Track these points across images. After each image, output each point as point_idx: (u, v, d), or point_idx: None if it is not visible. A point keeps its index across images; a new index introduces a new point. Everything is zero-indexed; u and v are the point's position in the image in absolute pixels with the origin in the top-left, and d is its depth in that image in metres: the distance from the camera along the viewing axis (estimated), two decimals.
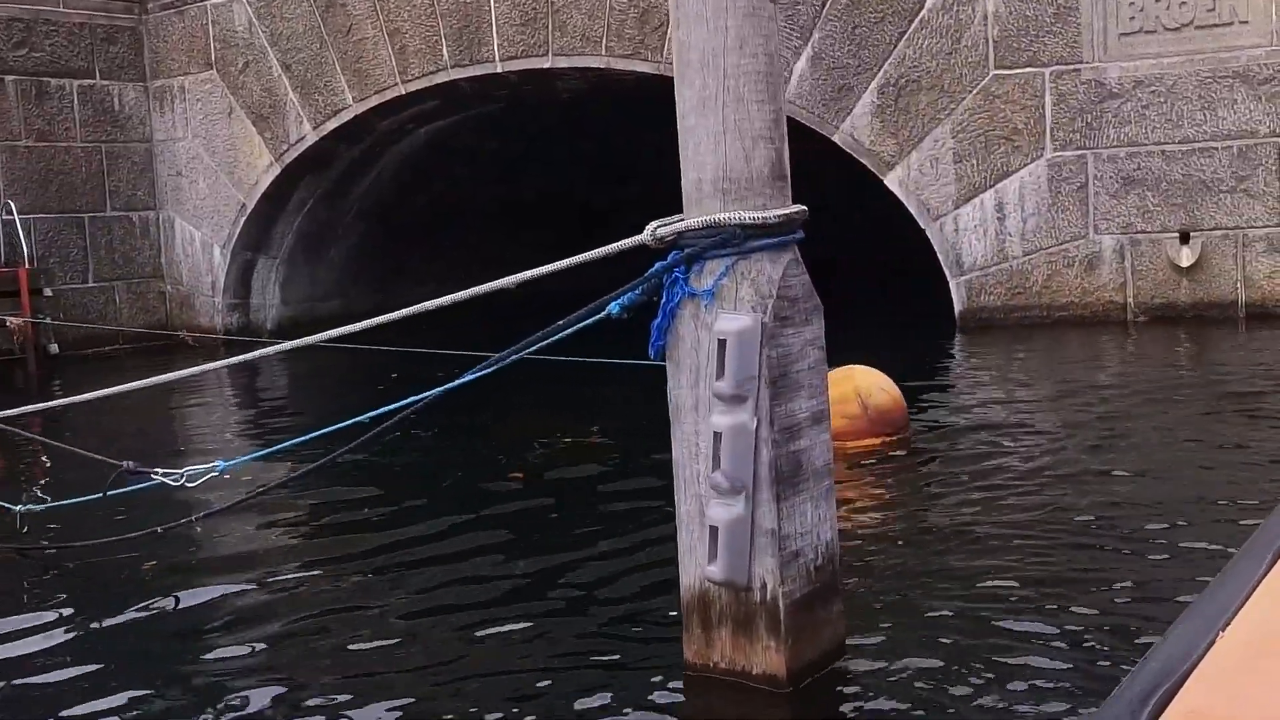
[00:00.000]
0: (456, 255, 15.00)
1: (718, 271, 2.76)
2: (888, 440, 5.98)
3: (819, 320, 2.86)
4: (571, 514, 5.10)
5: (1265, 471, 5.51)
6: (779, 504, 2.73)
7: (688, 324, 2.80)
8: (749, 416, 2.71)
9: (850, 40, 10.72)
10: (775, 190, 2.77)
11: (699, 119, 2.77)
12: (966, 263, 10.71)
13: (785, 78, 10.74)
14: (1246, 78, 9.88)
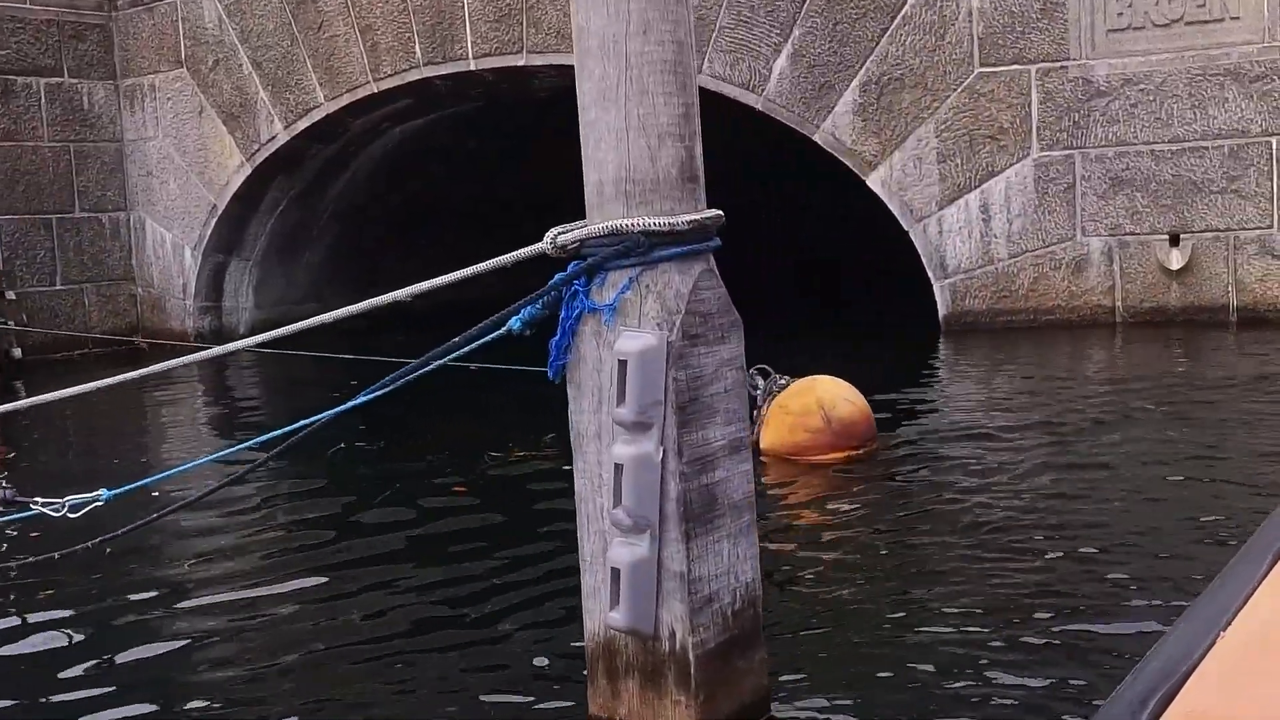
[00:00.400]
0: (433, 255, 14.66)
1: (620, 284, 2.47)
2: (853, 454, 5.70)
3: (738, 338, 2.57)
4: (508, 534, 4.82)
5: (1258, 483, 5.24)
6: (689, 543, 2.45)
7: (589, 342, 2.52)
8: (654, 446, 2.42)
9: (831, 37, 10.44)
10: (685, 193, 2.48)
11: (599, 113, 2.49)
12: (951, 265, 10.42)
13: (765, 75, 10.47)
14: (1238, 75, 9.60)
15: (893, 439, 6.17)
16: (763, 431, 5.79)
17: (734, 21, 10.60)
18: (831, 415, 5.64)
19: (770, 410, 5.77)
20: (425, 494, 5.67)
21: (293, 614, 4.07)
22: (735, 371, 2.57)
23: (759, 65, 10.60)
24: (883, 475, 5.60)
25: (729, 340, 2.55)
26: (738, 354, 2.58)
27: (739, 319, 2.60)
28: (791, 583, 4.15)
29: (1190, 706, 1.46)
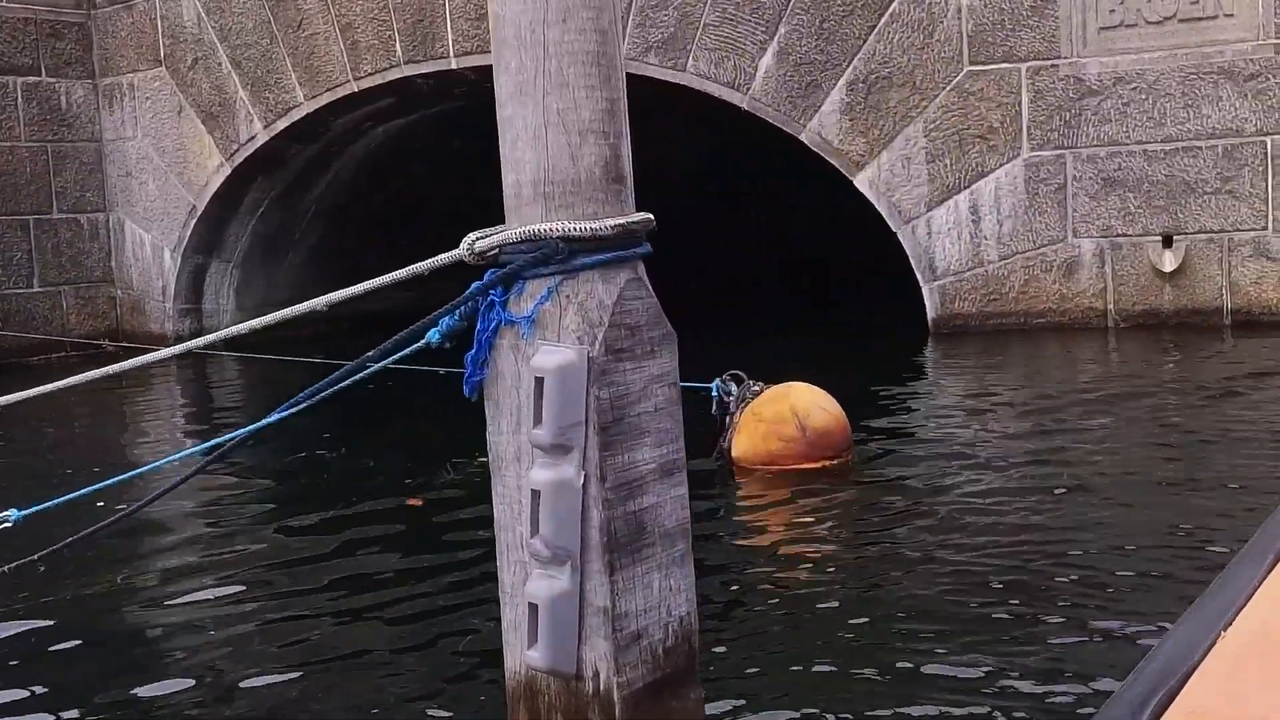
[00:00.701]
0: (415, 255, 14.48)
1: (539, 294, 2.28)
2: (828, 464, 5.50)
3: (670, 352, 2.38)
4: (453, 553, 4.61)
5: (1253, 490, 5.05)
6: (614, 576, 2.25)
7: (507, 357, 2.32)
8: (574, 470, 2.23)
9: (818, 35, 10.24)
10: (610, 195, 2.29)
11: (516, 109, 2.29)
12: (940, 267, 10.23)
13: (750, 74, 10.27)
14: (1232, 74, 9.40)
15: (872, 447, 5.97)
16: (735, 439, 5.59)
17: (719, 19, 10.41)
18: (806, 423, 5.45)
19: (743, 418, 5.57)
20: (377, 507, 5.47)
21: (195, 635, 3.88)
22: (667, 389, 2.37)
23: (744, 64, 10.41)
24: (858, 486, 5.41)
25: (660, 355, 2.35)
26: (670, 369, 2.38)
27: (672, 332, 2.40)
28: (754, 601, 3.96)
29: (1191, 706, 1.46)
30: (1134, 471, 5.45)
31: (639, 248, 2.33)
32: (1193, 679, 1.54)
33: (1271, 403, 7.04)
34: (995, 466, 5.56)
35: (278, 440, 6.97)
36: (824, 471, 5.47)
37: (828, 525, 4.84)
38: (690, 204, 16.68)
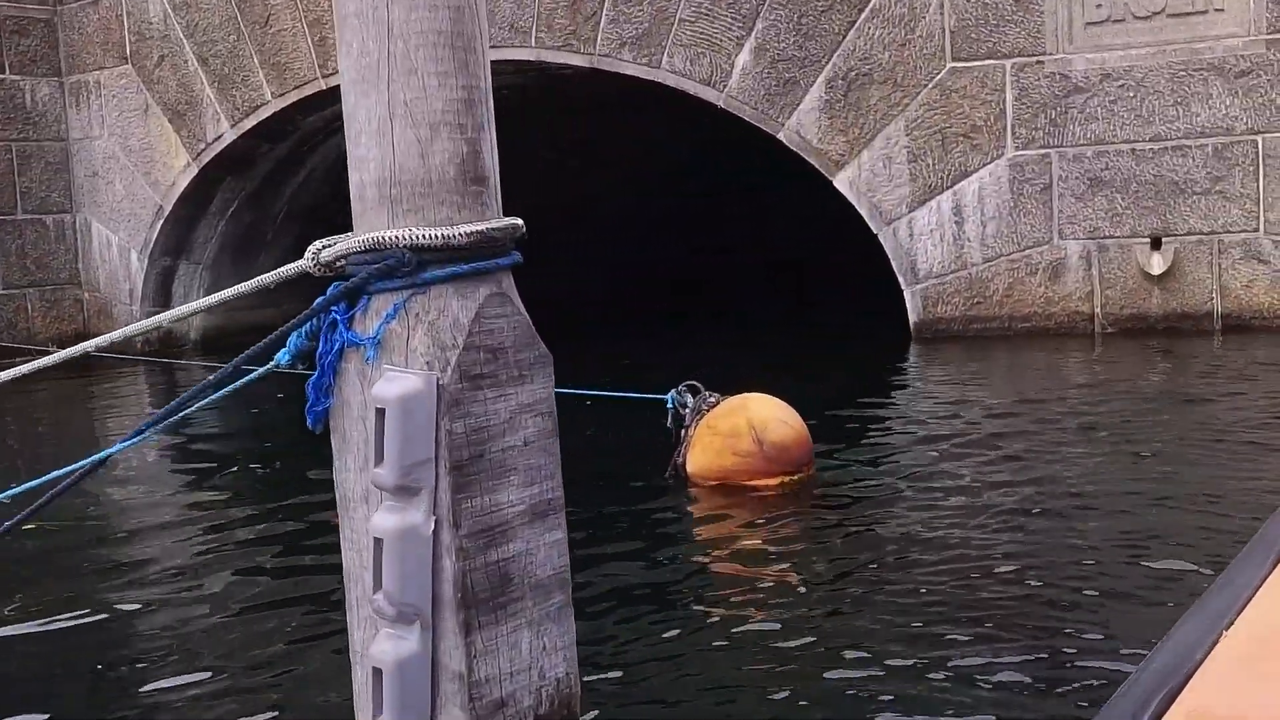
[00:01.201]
0: None
1: (384, 312, 1.98)
2: (786, 480, 5.19)
3: (544, 376, 2.08)
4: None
5: (1242, 504, 4.76)
6: (471, 636, 1.95)
7: (352, 384, 2.03)
8: (422, 516, 1.93)
9: (796, 30, 9.94)
10: (468, 198, 1.99)
11: (359, 98, 2.00)
12: (922, 270, 9.92)
13: (727, 71, 9.97)
14: (1222, 70, 9.11)
15: (836, 461, 5.66)
16: (689, 454, 5.29)
17: (694, 14, 10.11)
18: (763, 437, 5.14)
19: (697, 431, 5.27)
20: (301, 522, 5.16)
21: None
22: (541, 419, 2.07)
23: (720, 60, 10.11)
24: (818, 503, 5.11)
25: (531, 380, 2.05)
26: (543, 397, 2.08)
27: (546, 354, 2.10)
28: (697, 630, 3.67)
29: (1193, 706, 1.46)
30: (1113, 486, 5.15)
31: (504, 258, 2.03)
32: (1194, 679, 1.52)
33: (1261, 411, 6.74)
34: (968, 483, 5.26)
35: (224, 440, 6.69)
36: (782, 488, 5.16)
37: (781, 546, 4.54)
38: (669, 204, 16.40)
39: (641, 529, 4.77)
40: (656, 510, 5.01)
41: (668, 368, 9.38)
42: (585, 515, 4.99)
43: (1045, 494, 5.04)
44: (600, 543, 4.64)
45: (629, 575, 4.26)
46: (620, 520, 4.90)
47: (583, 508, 5.11)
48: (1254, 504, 4.86)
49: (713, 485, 5.23)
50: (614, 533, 4.75)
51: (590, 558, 4.45)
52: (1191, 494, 5.00)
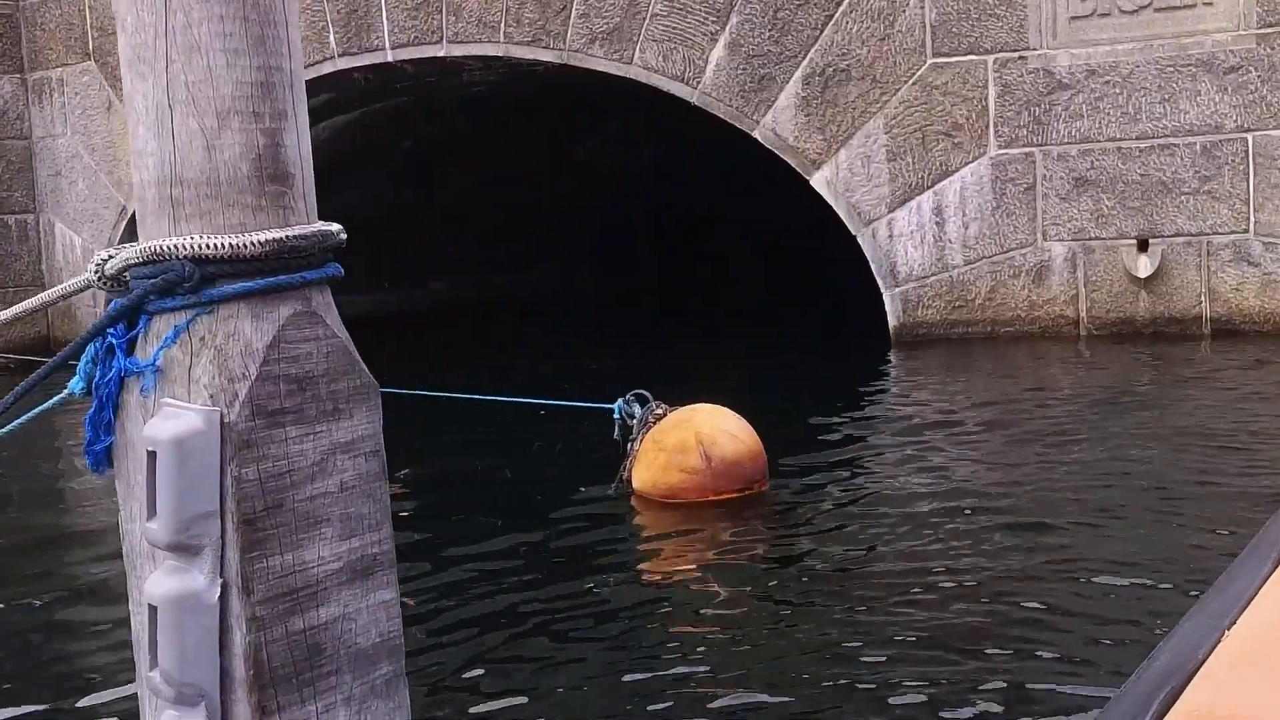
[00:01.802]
0: (377, 260, 13.92)
1: (165, 335, 1.66)
2: (737, 498, 4.88)
3: (368, 410, 1.77)
4: None
5: (1225, 521, 4.48)
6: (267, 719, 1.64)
7: (135, 419, 1.71)
8: (206, 579, 1.62)
9: (771, 25, 9.63)
10: (266, 199, 1.68)
11: (135, 81, 1.68)
12: (902, 273, 9.61)
13: (700, 66, 9.66)
14: (1211, 66, 8.80)
15: (795, 476, 5.34)
16: (634, 469, 4.99)
17: (667, 8, 9.80)
18: (711, 452, 4.84)
19: (643, 445, 4.97)
20: None
21: None
22: (363, 460, 1.76)
23: (694, 55, 9.80)
24: (771, 523, 4.80)
25: (350, 415, 1.74)
26: (367, 434, 1.77)
27: (370, 383, 1.78)
28: (628, 668, 3.36)
29: (1196, 705, 1.47)
30: (1094, 501, 4.85)
31: (313, 271, 1.72)
32: (1196, 678, 1.53)
33: (1251, 420, 6.43)
34: (937, 498, 4.95)
35: None
36: (732, 505, 4.85)
37: (725, 570, 4.23)
38: (652, 205, 16.09)
39: (578, 549, 4.46)
40: (594, 529, 4.70)
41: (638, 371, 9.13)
42: (519, 532, 4.70)
43: (1020, 508, 4.73)
44: (531, 562, 4.34)
45: (558, 597, 3.96)
46: (556, 538, 4.60)
47: (518, 524, 4.81)
48: (1240, 518, 4.57)
49: (659, 502, 4.92)
50: (547, 552, 4.45)
51: (518, 578, 4.15)
52: (1176, 510, 4.72)
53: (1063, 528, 4.48)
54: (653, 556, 4.49)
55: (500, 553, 4.47)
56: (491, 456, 6.02)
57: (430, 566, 4.35)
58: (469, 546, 4.56)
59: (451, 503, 5.22)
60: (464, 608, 3.91)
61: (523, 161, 14.26)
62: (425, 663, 3.43)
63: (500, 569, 4.29)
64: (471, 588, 4.10)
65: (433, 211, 14.14)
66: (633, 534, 4.71)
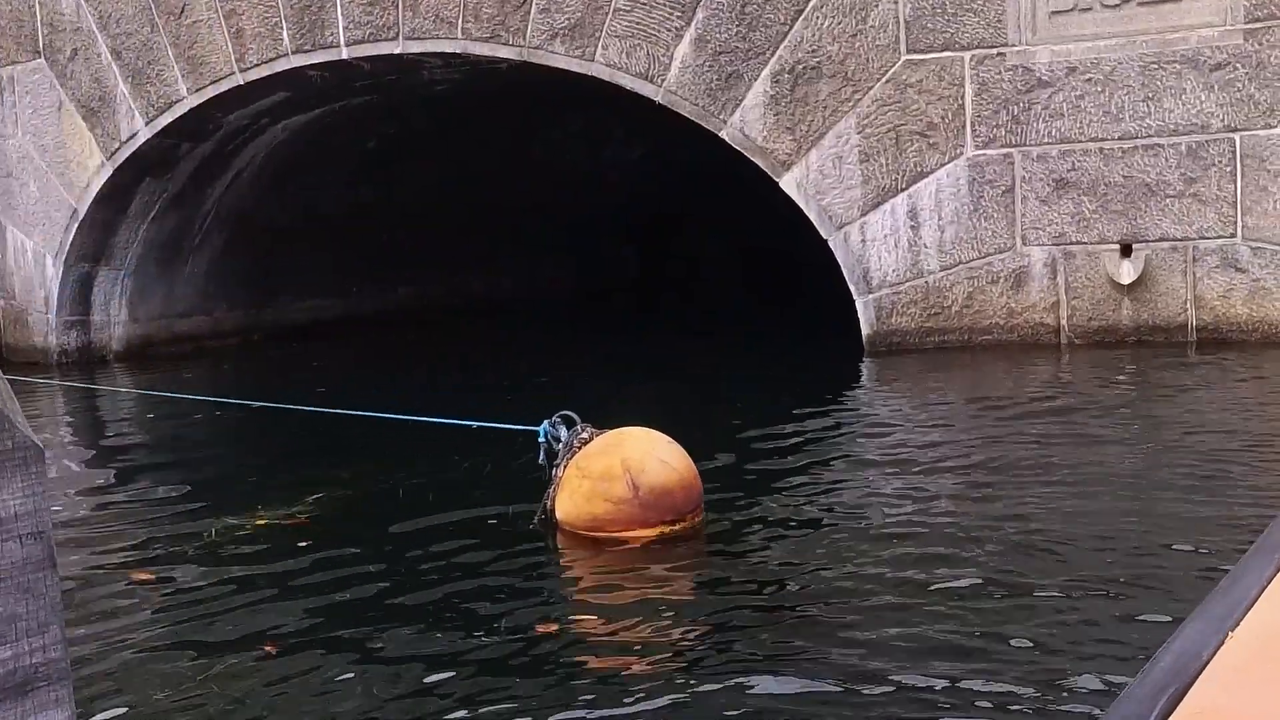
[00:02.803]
0: (333, 265, 13.55)
1: None
2: (667, 530, 4.47)
3: (25, 479, 1.36)
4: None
5: (1212, 537, 4.17)
6: None
7: None
8: None
9: (739, 20, 9.22)
10: None
11: None
12: (875, 278, 9.21)
13: (665, 63, 9.25)
14: (1196, 63, 8.40)
15: (737, 505, 4.92)
16: (557, 498, 4.58)
17: (630, 3, 9.39)
18: (639, 481, 4.42)
19: (567, 472, 4.55)
20: (106, 581, 4.43)
21: None
22: (16, 544, 1.35)
23: (659, 52, 9.39)
24: (704, 559, 4.39)
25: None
26: (24, 511, 1.36)
27: (29, 445, 1.38)
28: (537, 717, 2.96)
29: (1199, 707, 1.47)
30: (1070, 524, 4.45)
31: None
32: (1200, 679, 1.55)
33: (1237, 433, 6.03)
34: (895, 529, 4.53)
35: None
36: (663, 540, 4.44)
37: (650, 613, 3.82)
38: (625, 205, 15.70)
39: (486, 589, 4.05)
40: (509, 564, 4.29)
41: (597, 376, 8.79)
42: (428, 566, 4.29)
43: (987, 537, 4.32)
44: (435, 602, 3.94)
45: (459, 642, 3.56)
46: (466, 576, 4.19)
47: (428, 556, 4.42)
48: (1221, 539, 4.22)
49: (583, 535, 4.51)
50: (453, 591, 4.04)
51: (418, 620, 3.75)
52: (1159, 529, 4.39)
53: (1040, 552, 4.10)
54: (568, 597, 4.08)
55: (403, 589, 4.07)
56: (419, 475, 5.62)
57: (325, 604, 3.95)
58: (369, 584, 4.16)
59: (361, 531, 4.81)
60: (357, 649, 3.52)
61: (488, 161, 13.87)
62: (318, 708, 3.05)
63: (401, 607, 3.90)
64: (366, 627, 3.70)
65: (398, 212, 13.76)
66: (548, 571, 4.30)
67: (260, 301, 13.28)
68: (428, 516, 4.95)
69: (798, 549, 4.36)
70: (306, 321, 13.56)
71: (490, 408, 7.17)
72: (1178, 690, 1.52)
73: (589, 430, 4.65)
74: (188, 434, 7.56)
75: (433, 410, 5.87)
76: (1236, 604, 1.79)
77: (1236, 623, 1.72)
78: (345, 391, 9.09)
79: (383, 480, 5.54)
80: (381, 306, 14.17)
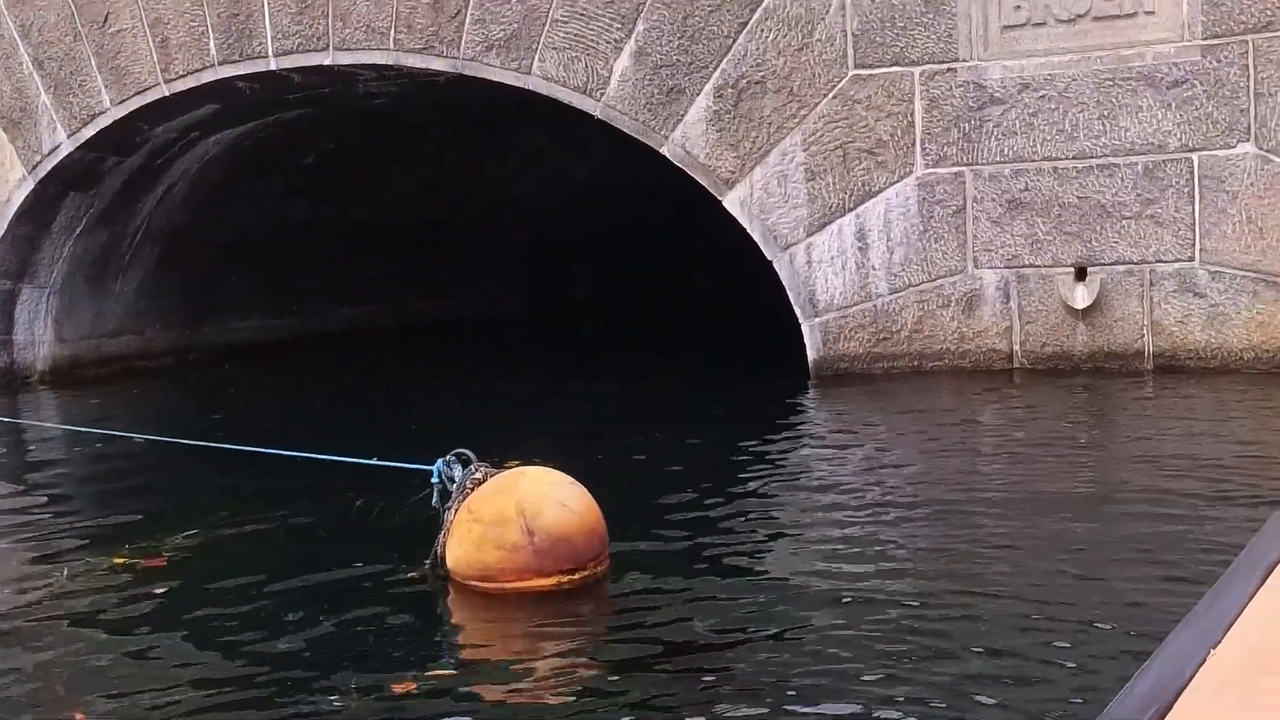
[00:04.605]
0: (273, 283, 13.13)
1: None
2: (565, 581, 4.07)
3: None
4: None
5: (1174, 576, 3.90)
6: None
7: None
8: None
9: (681, 33, 8.87)
10: None
11: None
12: (822, 302, 8.86)
13: (605, 77, 8.90)
14: (1153, 80, 8.11)
15: (649, 550, 4.52)
16: (447, 545, 4.18)
17: (568, 14, 9.03)
18: (534, 525, 4.03)
19: (458, 516, 4.16)
20: None
21: None
22: None
23: (598, 65, 9.03)
24: (606, 612, 4.00)
25: None
26: None
27: None
28: None
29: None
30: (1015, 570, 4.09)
31: None
32: (1182, 698, 1.55)
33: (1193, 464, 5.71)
34: (823, 571, 4.16)
35: None
36: (561, 591, 4.04)
37: (543, 673, 3.43)
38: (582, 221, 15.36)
39: (354, 643, 3.65)
40: (384, 619, 3.88)
41: (523, 405, 8.42)
42: (290, 618, 3.89)
43: (927, 590, 3.94)
44: (287, 660, 3.53)
45: (307, 704, 3.16)
46: (335, 630, 3.78)
47: (291, 607, 4.01)
48: (1181, 567, 3.99)
49: (475, 585, 4.11)
50: (313, 648, 3.63)
51: (264, 683, 3.35)
52: (1117, 560, 4.11)
53: (980, 595, 3.74)
54: (438, 655, 3.66)
55: (247, 644, 3.66)
56: (307, 514, 5.20)
57: (148, 664, 3.54)
58: (212, 637, 3.75)
59: (224, 573, 4.39)
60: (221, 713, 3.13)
61: (433, 177, 13.48)
62: None
63: (236, 667, 3.49)
64: (190, 692, 3.29)
65: (340, 230, 13.35)
66: (424, 626, 3.89)
67: (196, 321, 12.84)
68: (304, 561, 4.54)
69: (713, 602, 3.96)
70: (244, 342, 13.14)
71: (404, 440, 6.79)
72: (1160, 709, 1.52)
73: (484, 469, 4.26)
74: (77, 464, 7.12)
75: (342, 441, 5.49)
76: (1218, 621, 1.79)
77: (1218, 641, 1.72)
78: (253, 420, 8.71)
79: (266, 518, 5.12)
80: (324, 327, 13.76)
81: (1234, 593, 1.91)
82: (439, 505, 4.35)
